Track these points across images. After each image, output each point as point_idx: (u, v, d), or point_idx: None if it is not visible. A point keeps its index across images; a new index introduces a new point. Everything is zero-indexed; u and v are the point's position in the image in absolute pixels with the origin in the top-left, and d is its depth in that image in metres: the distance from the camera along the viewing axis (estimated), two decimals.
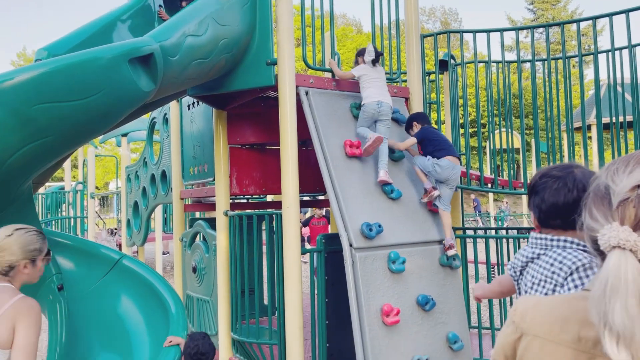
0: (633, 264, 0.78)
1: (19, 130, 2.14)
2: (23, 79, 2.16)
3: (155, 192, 6.29)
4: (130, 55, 2.43)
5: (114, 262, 3.35)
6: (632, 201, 0.82)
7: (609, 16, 4.06)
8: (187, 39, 2.88)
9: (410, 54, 4.37)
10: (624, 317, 0.75)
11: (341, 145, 3.70)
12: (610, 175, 0.87)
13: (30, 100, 2.13)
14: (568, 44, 30.52)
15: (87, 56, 2.31)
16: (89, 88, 2.28)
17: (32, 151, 2.22)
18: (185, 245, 5.39)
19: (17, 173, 2.31)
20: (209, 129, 4.91)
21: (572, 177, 1.47)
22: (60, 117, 2.22)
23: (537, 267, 1.53)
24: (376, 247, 3.39)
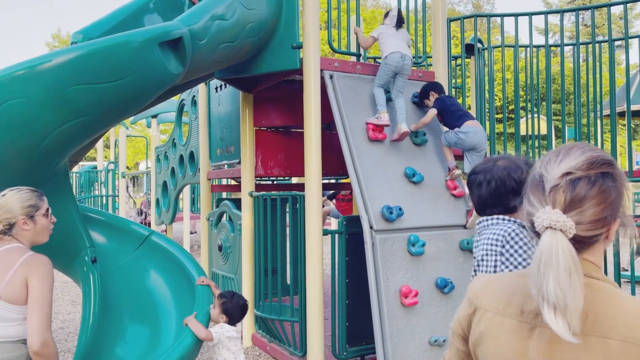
0: (563, 242, 0.88)
1: (57, 111, 2.27)
2: (60, 61, 2.28)
3: (183, 172, 6.46)
4: (161, 39, 2.52)
5: (144, 238, 3.50)
6: (561, 187, 0.93)
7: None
8: (214, 22, 2.96)
9: (437, 38, 4.36)
10: (557, 289, 0.86)
11: (364, 128, 3.74)
12: (543, 165, 0.98)
13: (67, 82, 2.25)
14: (605, 28, 29.45)
15: (120, 40, 2.41)
16: (122, 70, 2.38)
17: (69, 130, 2.35)
18: (211, 225, 5.54)
19: (54, 151, 2.45)
20: (236, 112, 5.01)
21: (491, 171, 1.70)
22: (95, 98, 2.33)
23: (480, 245, 1.75)
24: (396, 229, 3.45)
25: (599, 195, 0.92)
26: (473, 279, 1.19)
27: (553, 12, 4.63)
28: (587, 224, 0.92)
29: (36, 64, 2.23)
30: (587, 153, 0.96)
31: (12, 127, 2.21)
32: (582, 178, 0.93)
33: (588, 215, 0.92)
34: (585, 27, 28.34)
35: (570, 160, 0.95)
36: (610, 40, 4.19)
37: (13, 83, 2.17)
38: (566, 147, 0.99)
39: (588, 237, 0.93)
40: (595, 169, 0.94)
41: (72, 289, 7.10)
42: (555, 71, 12.91)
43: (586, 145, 0.99)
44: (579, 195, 0.92)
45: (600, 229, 0.93)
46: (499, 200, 1.68)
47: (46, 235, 2.19)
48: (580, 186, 0.92)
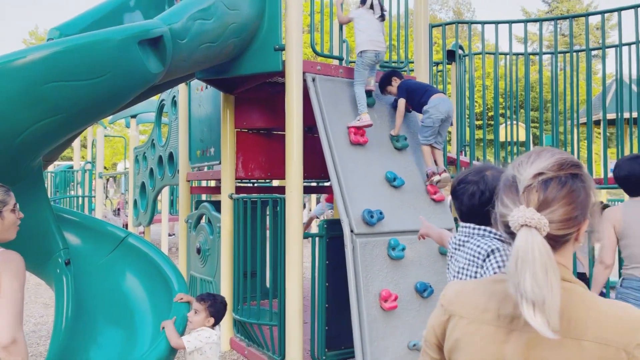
0: (538, 239, 0.91)
1: (31, 108, 2.20)
2: (35, 57, 2.21)
3: (162, 173, 6.37)
4: (140, 37, 2.48)
5: (120, 239, 3.43)
6: (534, 187, 0.96)
7: (617, 11, 4.04)
8: (196, 22, 2.92)
9: (418, 44, 4.39)
10: (534, 285, 0.88)
11: (346, 132, 3.74)
12: (516, 167, 1.02)
13: (42, 79, 2.19)
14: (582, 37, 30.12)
15: (98, 37, 2.36)
16: (100, 68, 2.33)
17: (43, 128, 2.28)
18: (190, 227, 5.47)
19: (28, 150, 2.38)
20: (217, 113, 4.96)
21: (484, 181, 1.68)
22: (71, 96, 2.27)
23: (462, 254, 1.74)
24: (377, 233, 3.45)
25: (569, 195, 0.96)
26: (445, 286, 1.18)
27: (532, 21, 4.70)
28: (559, 223, 0.95)
29: (10, 59, 2.17)
30: (557, 155, 1.00)
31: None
32: (553, 178, 0.97)
33: (559, 214, 0.95)
34: (563, 36, 28.90)
35: (542, 162, 0.99)
36: (588, 50, 4.27)
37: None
38: (537, 150, 1.04)
39: (560, 236, 0.96)
40: (565, 170, 0.98)
41: (45, 292, 6.93)
42: (534, 79, 13.17)
43: (555, 149, 1.04)
44: (551, 194, 0.96)
45: (571, 228, 0.97)
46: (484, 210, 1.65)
47: (13, 232, 2.12)
48: (552, 186, 0.96)
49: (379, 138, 3.87)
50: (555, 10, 35.19)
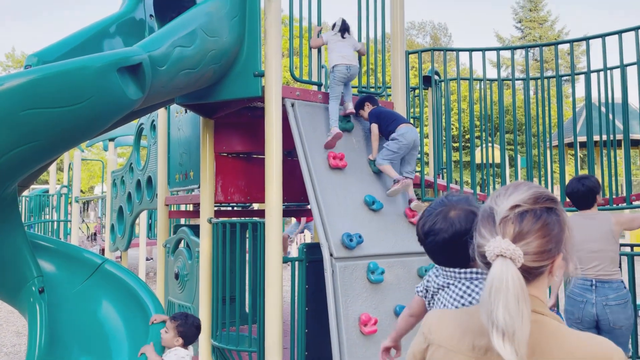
0: (512, 270, 0.93)
1: (7, 134, 2.18)
2: (13, 84, 2.21)
3: (140, 197, 6.31)
4: (119, 65, 2.49)
5: (96, 266, 3.38)
6: (510, 219, 0.99)
7: (585, 40, 4.21)
8: (175, 49, 2.95)
9: (395, 70, 4.49)
10: (506, 315, 0.90)
11: (325, 156, 3.78)
12: (493, 200, 1.05)
13: (19, 106, 2.18)
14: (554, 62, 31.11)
15: (77, 64, 2.37)
16: (78, 95, 2.33)
17: (19, 155, 2.27)
18: (168, 252, 5.41)
19: (3, 177, 2.35)
20: (196, 137, 4.96)
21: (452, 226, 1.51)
22: (49, 122, 2.27)
23: (448, 297, 1.61)
24: (356, 257, 3.46)
25: (543, 228, 0.99)
26: (427, 314, 1.21)
27: (504, 49, 4.86)
28: (534, 255, 0.97)
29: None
30: (533, 189, 1.04)
31: None
32: (529, 211, 1.00)
33: (534, 246, 0.97)
34: (535, 61, 29.79)
35: (518, 195, 1.02)
36: (558, 77, 4.42)
37: None
38: (514, 184, 1.07)
39: (534, 268, 0.98)
40: (540, 204, 1.01)
41: (18, 319, 6.73)
42: (508, 103, 13.53)
43: (533, 183, 1.08)
44: (526, 226, 0.98)
45: (545, 261, 0.99)
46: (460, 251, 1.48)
47: None
48: (528, 219, 0.99)
49: (358, 162, 3.92)
50: (528, 36, 36.37)
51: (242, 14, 3.73)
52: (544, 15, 36.93)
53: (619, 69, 4.36)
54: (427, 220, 1.57)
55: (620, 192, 5.55)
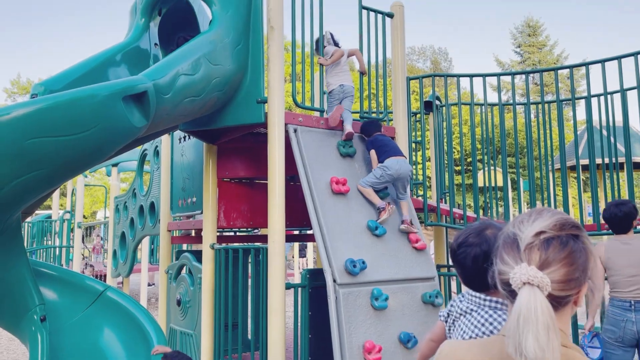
0: (541, 298, 0.90)
1: (13, 163, 2.20)
2: (19, 114, 2.24)
3: (143, 223, 6.30)
4: (124, 93, 2.53)
5: (98, 293, 3.36)
6: (536, 245, 0.97)
7: (584, 65, 4.25)
8: (180, 77, 2.99)
9: (397, 95, 4.53)
10: (536, 346, 0.86)
11: (327, 182, 3.79)
12: (516, 225, 1.02)
13: (25, 134, 2.20)
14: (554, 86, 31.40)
15: (82, 93, 2.40)
16: (84, 124, 2.36)
17: (25, 183, 2.28)
18: (170, 278, 5.38)
19: (7, 205, 2.36)
20: (199, 162, 4.99)
21: (487, 242, 1.54)
22: (54, 151, 2.29)
23: (468, 324, 1.60)
24: (360, 283, 3.44)
25: (570, 256, 0.96)
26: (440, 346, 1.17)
27: (505, 74, 4.91)
28: (560, 283, 0.94)
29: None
30: (557, 216, 1.01)
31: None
32: (555, 238, 0.97)
33: (560, 275, 0.95)
34: (535, 85, 30.05)
35: (543, 221, 1.00)
36: (559, 101, 4.46)
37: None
38: (537, 210, 1.05)
39: (560, 297, 0.95)
40: (566, 231, 0.99)
41: (18, 347, 6.66)
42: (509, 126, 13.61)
43: (555, 209, 1.06)
44: (552, 253, 0.96)
45: (571, 290, 0.96)
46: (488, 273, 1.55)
47: None
48: (554, 245, 0.96)
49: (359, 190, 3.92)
50: (527, 60, 36.75)
51: (246, 42, 3.79)
52: (543, 40, 37.40)
53: (619, 93, 4.39)
54: (462, 234, 1.62)
55: None
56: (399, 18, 4.59)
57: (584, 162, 7.08)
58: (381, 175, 3.87)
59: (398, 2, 4.62)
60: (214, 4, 3.67)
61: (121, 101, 2.51)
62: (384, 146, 4.01)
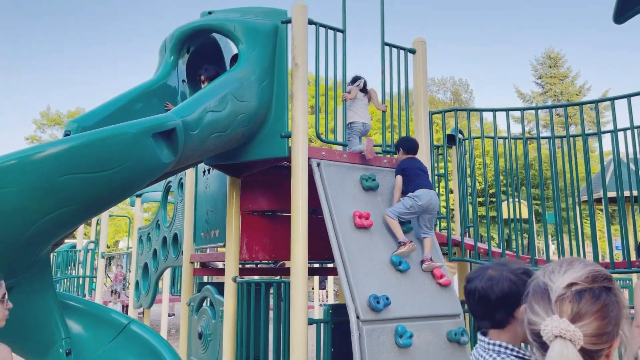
0: (573, 352, 0.89)
1: (46, 199, 2.27)
2: (54, 151, 2.31)
3: (166, 254, 6.35)
4: (154, 130, 2.60)
5: (122, 326, 3.37)
6: (568, 297, 0.96)
7: (610, 100, 4.22)
8: (207, 114, 3.07)
9: (419, 129, 4.55)
10: None
11: (350, 215, 3.78)
12: (547, 275, 1.01)
13: (58, 171, 2.27)
14: (577, 118, 31.08)
15: (114, 131, 2.47)
16: (115, 160, 2.42)
17: (56, 219, 2.34)
18: (192, 310, 5.38)
19: (39, 239, 2.42)
20: (222, 195, 5.04)
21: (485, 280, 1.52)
22: (86, 187, 2.35)
23: None
24: (383, 320, 3.39)
25: (603, 309, 0.95)
26: None
27: (528, 109, 4.90)
28: (593, 337, 0.93)
29: (29, 154, 2.27)
30: (589, 267, 1.00)
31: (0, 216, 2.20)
32: (587, 290, 0.96)
33: (593, 328, 0.93)
34: (558, 116, 29.79)
35: (574, 272, 0.99)
36: (584, 135, 4.41)
37: (3, 172, 2.18)
38: (568, 260, 1.04)
39: (593, 351, 0.93)
40: (598, 283, 0.98)
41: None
42: (532, 157, 13.47)
43: (586, 260, 1.04)
44: (584, 306, 0.94)
45: (603, 344, 0.95)
46: (487, 313, 1.54)
47: (2, 323, 2.13)
48: (586, 298, 0.95)
49: (383, 221, 3.90)
50: (549, 91, 36.59)
51: (271, 79, 3.88)
52: (564, 71, 37.26)
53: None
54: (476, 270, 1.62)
55: None
56: (420, 53, 4.65)
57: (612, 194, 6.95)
58: (411, 205, 3.83)
59: (420, 39, 4.69)
60: (241, 42, 3.78)
61: (151, 138, 2.58)
62: (416, 175, 3.96)
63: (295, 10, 3.96)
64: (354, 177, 4.03)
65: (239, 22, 3.84)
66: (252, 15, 4.03)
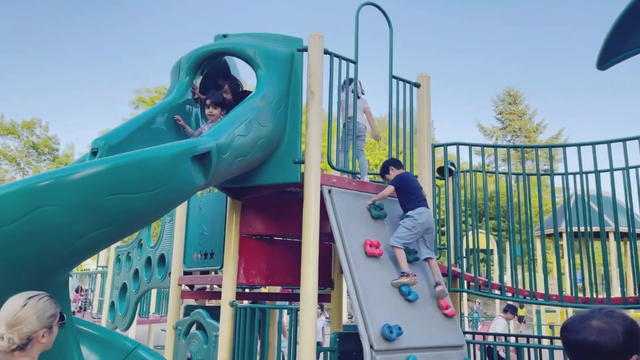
0: None
1: (89, 219, 2.20)
2: (97, 170, 2.26)
3: (150, 275, 6.17)
4: (193, 153, 2.58)
5: (129, 351, 3.25)
6: None
7: (562, 146, 4.53)
8: (236, 138, 3.07)
9: (422, 162, 4.69)
10: None
11: (361, 244, 3.82)
12: None
13: (103, 191, 2.22)
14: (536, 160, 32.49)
15: (155, 153, 2.45)
16: (156, 181, 2.39)
17: (95, 238, 2.26)
18: (179, 334, 5.22)
19: (75, 258, 2.33)
20: (220, 217, 4.98)
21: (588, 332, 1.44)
22: (127, 207, 2.30)
23: None
24: (396, 350, 3.41)
25: None
26: None
27: (513, 147, 5.14)
28: None
29: (72, 172, 2.20)
30: None
31: (41, 234, 2.11)
32: None
33: None
34: (516, 151, 30.97)
35: None
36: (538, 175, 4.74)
37: (48, 190, 2.11)
38: None
39: None
40: None
41: None
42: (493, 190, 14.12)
43: None
44: None
45: None
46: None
47: (51, 344, 2.04)
48: None
49: (392, 250, 3.95)
50: (508, 127, 38.13)
51: (286, 105, 3.91)
52: (523, 108, 38.99)
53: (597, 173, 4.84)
54: (570, 318, 1.53)
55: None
56: (424, 88, 4.81)
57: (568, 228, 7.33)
58: (413, 226, 3.87)
59: (424, 74, 4.86)
60: (259, 68, 3.82)
61: (189, 160, 2.56)
62: (413, 192, 4.01)
63: (312, 40, 4.04)
64: (362, 205, 4.08)
65: (258, 47, 3.88)
66: (269, 41, 4.08)
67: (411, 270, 3.80)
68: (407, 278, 3.75)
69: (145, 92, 32.53)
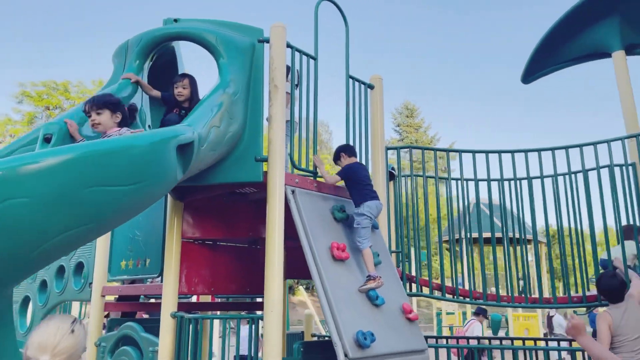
0: None
1: (67, 214, 1.79)
2: (72, 157, 1.85)
3: (62, 287, 5.44)
4: (180, 142, 2.25)
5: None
6: None
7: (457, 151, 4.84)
8: (212, 129, 2.76)
9: (376, 164, 4.64)
10: None
11: (328, 247, 3.64)
12: None
13: (83, 183, 1.82)
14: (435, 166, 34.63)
15: (141, 140, 2.08)
16: (142, 172, 2.03)
17: (68, 238, 1.85)
18: (104, 351, 4.63)
19: (39, 264, 1.89)
20: (157, 219, 4.51)
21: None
22: (109, 201, 1.92)
23: None
24: (370, 357, 3.27)
25: None
26: None
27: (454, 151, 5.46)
28: None
29: (47, 157, 1.78)
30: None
31: (6, 231, 1.67)
32: None
33: None
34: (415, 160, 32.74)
35: None
36: (437, 179, 5.06)
37: (18, 179, 1.68)
38: None
39: None
40: None
41: None
42: None
43: None
44: None
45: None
46: None
47: None
48: None
49: (356, 253, 3.82)
50: (406, 139, 40.19)
51: (247, 100, 3.63)
52: (419, 122, 41.38)
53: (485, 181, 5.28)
54: None
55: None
56: (378, 90, 4.77)
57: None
58: (367, 222, 3.78)
59: (377, 75, 4.82)
60: (222, 56, 3.51)
61: (175, 150, 2.23)
62: (362, 184, 3.90)
63: (275, 31, 3.81)
64: (325, 208, 3.91)
65: (220, 34, 3.57)
66: (228, 29, 3.78)
67: (377, 273, 3.71)
68: (374, 282, 3.64)
69: (31, 86, 29.63)
